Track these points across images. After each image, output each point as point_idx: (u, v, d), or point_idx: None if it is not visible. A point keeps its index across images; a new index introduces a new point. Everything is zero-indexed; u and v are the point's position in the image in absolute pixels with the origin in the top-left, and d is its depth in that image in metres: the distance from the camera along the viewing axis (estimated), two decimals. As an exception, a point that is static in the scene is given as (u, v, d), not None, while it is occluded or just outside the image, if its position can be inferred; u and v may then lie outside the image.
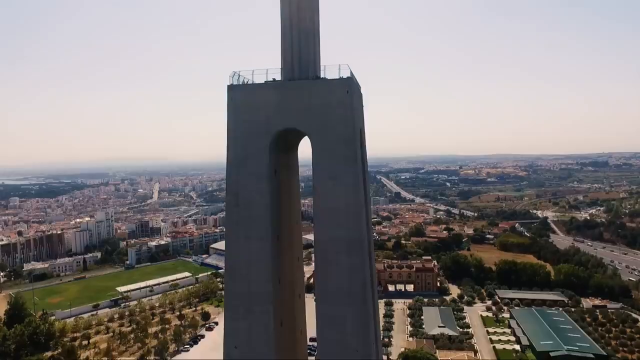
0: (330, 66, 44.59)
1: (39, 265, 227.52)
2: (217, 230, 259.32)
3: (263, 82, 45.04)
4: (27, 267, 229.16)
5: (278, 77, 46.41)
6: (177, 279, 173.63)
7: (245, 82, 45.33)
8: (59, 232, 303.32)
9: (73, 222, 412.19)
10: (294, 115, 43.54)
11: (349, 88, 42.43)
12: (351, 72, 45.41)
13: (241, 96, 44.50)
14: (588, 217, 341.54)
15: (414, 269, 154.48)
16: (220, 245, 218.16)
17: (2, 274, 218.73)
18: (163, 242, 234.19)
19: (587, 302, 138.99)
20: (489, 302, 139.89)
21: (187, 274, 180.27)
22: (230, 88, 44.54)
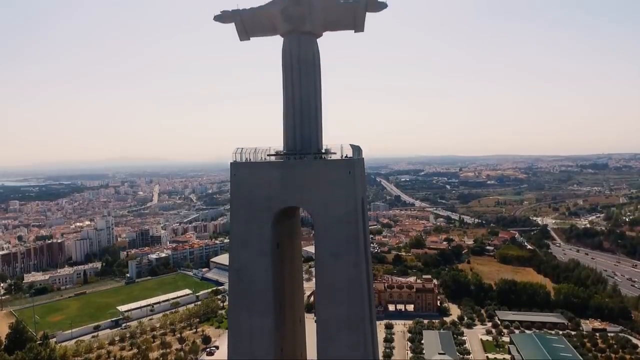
0: (333, 139, 45.23)
1: (39, 277, 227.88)
2: (217, 242, 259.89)
3: (266, 158, 45.51)
4: (27, 277, 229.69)
5: (280, 148, 46.94)
6: (177, 297, 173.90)
7: (248, 158, 45.56)
8: (59, 241, 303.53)
9: (73, 226, 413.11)
10: (296, 193, 43.71)
11: (351, 168, 42.58)
12: (353, 148, 45.75)
13: (244, 173, 44.64)
14: (588, 225, 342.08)
15: (414, 290, 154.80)
16: (220, 259, 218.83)
17: (2, 285, 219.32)
18: (163, 255, 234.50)
19: (586, 325, 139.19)
20: (489, 325, 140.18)
21: (187, 291, 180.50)
22: (234, 165, 44.69)
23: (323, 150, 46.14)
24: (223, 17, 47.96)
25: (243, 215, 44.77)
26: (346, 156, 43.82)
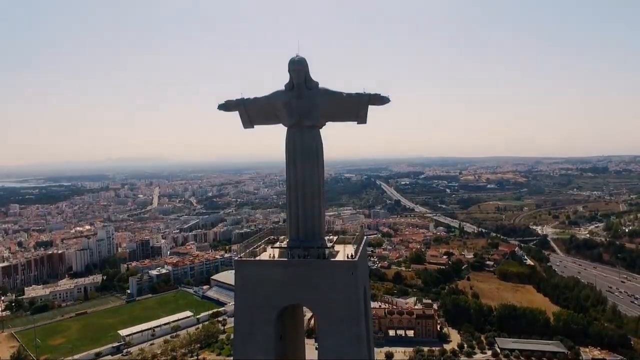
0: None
1: (40, 291, 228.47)
2: (218, 257, 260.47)
3: (270, 257, 45.75)
4: (28, 291, 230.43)
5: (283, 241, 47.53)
6: (178, 319, 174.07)
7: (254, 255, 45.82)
8: (59, 252, 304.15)
9: (73, 230, 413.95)
10: (300, 292, 43.84)
11: (353, 270, 42.78)
12: (354, 243, 46.06)
13: (249, 272, 44.75)
14: (588, 235, 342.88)
15: (415, 316, 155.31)
16: (221, 276, 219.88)
17: (3, 299, 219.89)
18: (164, 271, 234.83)
19: (586, 354, 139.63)
20: (489, 353, 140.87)
21: (188, 313, 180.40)
22: (239, 263, 44.93)
23: (327, 243, 46.34)
24: (227, 106, 47.75)
25: (247, 312, 44.85)
26: (350, 256, 44.01)
